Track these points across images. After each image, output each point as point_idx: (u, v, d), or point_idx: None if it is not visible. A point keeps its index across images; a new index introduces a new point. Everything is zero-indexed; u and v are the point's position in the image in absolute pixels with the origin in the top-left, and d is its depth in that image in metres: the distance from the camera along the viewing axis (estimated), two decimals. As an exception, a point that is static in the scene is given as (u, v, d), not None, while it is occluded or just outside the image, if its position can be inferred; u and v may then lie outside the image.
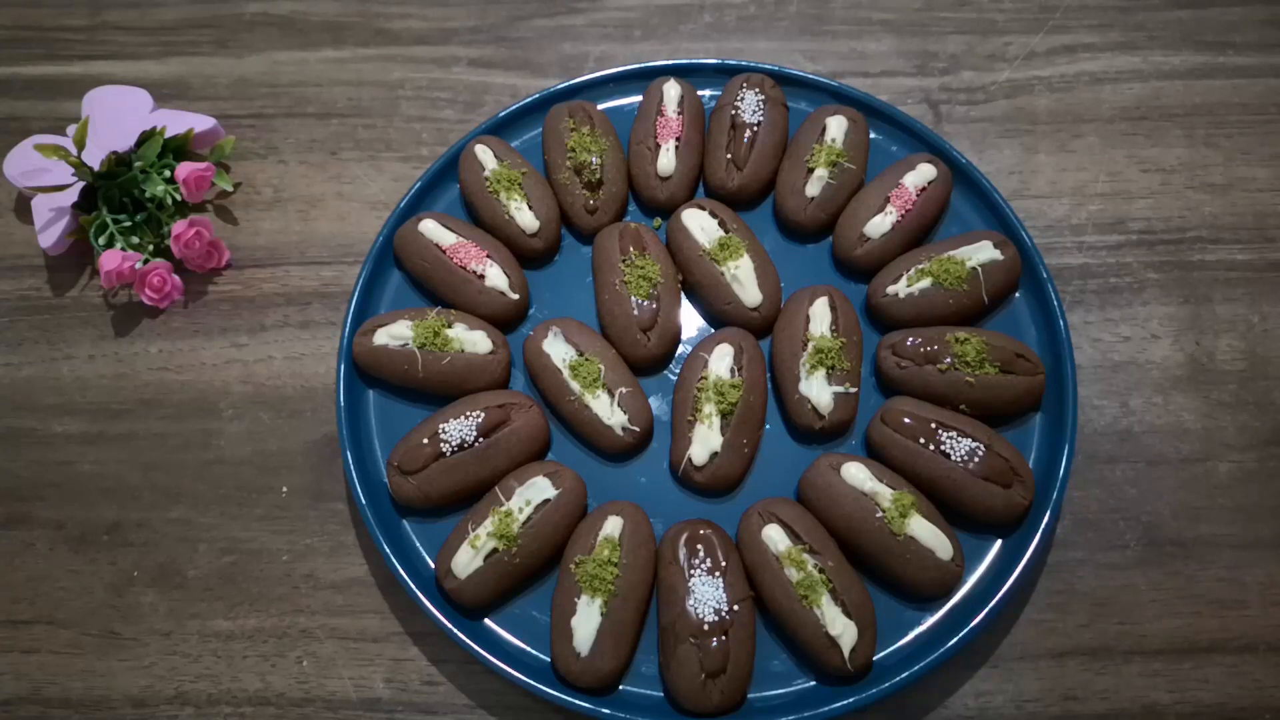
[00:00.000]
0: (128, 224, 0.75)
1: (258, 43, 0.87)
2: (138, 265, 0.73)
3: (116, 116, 0.78)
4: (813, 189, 0.71)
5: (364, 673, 0.62)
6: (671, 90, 0.74)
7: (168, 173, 0.76)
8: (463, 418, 0.63)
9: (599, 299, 0.69)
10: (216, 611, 0.64)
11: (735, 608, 0.57)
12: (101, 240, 0.74)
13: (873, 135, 0.75)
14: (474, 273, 0.68)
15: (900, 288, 0.67)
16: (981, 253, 0.67)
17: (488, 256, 0.69)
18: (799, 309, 0.66)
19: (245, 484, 0.68)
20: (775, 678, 0.59)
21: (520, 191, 0.71)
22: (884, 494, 0.59)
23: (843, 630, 0.56)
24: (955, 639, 0.57)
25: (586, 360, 0.65)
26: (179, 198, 0.76)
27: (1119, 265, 0.73)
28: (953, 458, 0.60)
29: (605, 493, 0.64)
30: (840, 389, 0.64)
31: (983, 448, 0.60)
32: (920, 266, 0.67)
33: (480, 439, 0.62)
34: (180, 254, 0.73)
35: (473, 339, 0.66)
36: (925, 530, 0.58)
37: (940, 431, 0.61)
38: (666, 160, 0.72)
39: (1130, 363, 0.69)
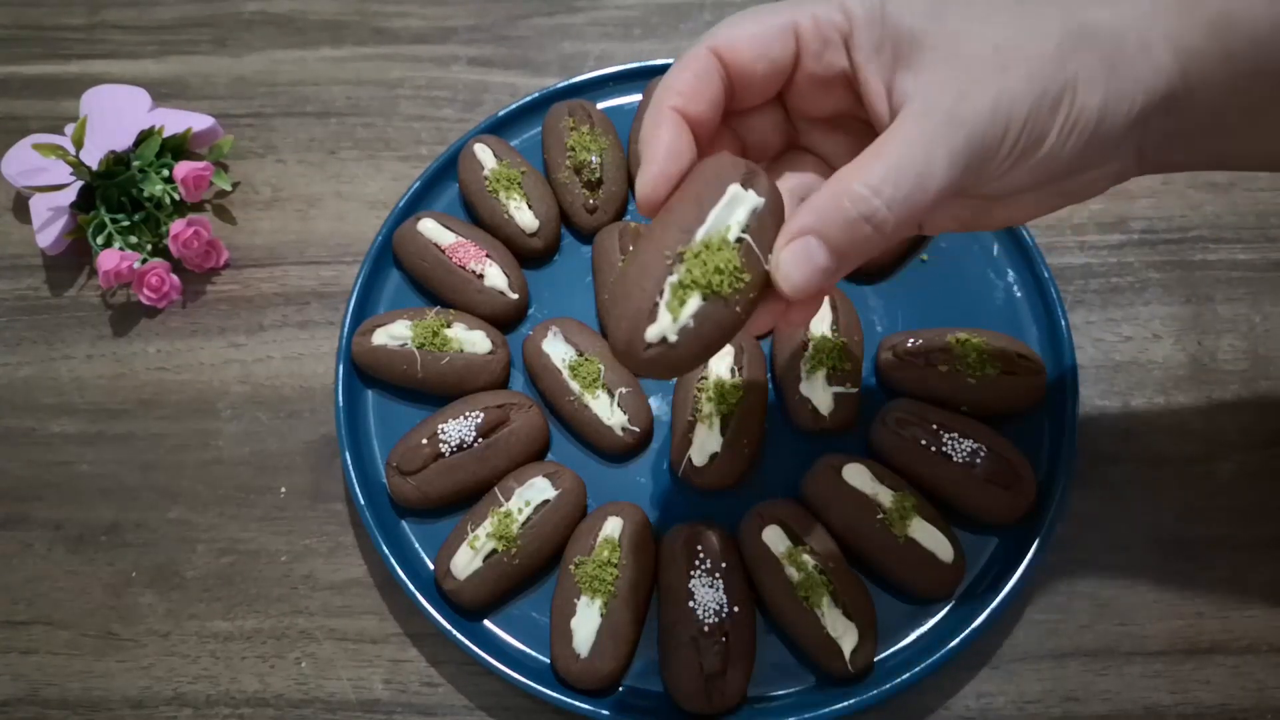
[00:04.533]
0: (126, 223, 0.75)
1: (256, 42, 0.86)
2: (136, 265, 0.72)
3: (115, 116, 0.78)
4: (813, 188, 0.71)
5: (363, 674, 0.62)
6: (671, 89, 0.74)
7: (166, 172, 0.76)
8: (462, 418, 0.63)
9: (599, 299, 0.69)
10: (215, 612, 0.64)
11: (735, 609, 0.57)
12: (100, 240, 0.73)
13: (873, 134, 0.75)
14: (473, 272, 0.68)
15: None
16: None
17: (487, 256, 0.69)
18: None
19: (244, 484, 0.68)
20: (775, 679, 0.59)
21: (520, 191, 0.71)
22: (885, 495, 0.59)
23: (843, 632, 0.56)
24: (956, 640, 0.57)
25: (586, 360, 0.65)
26: (177, 197, 0.75)
27: (1120, 265, 0.73)
28: (954, 459, 0.60)
29: (605, 493, 0.64)
30: (841, 389, 0.63)
31: (984, 449, 0.60)
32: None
33: (479, 439, 0.62)
34: (179, 253, 0.73)
35: (472, 339, 0.66)
36: (926, 532, 0.58)
37: (941, 433, 0.61)
38: (666, 159, 0.72)
39: (1132, 363, 0.69)
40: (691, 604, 0.57)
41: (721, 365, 0.64)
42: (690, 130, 0.42)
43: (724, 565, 0.58)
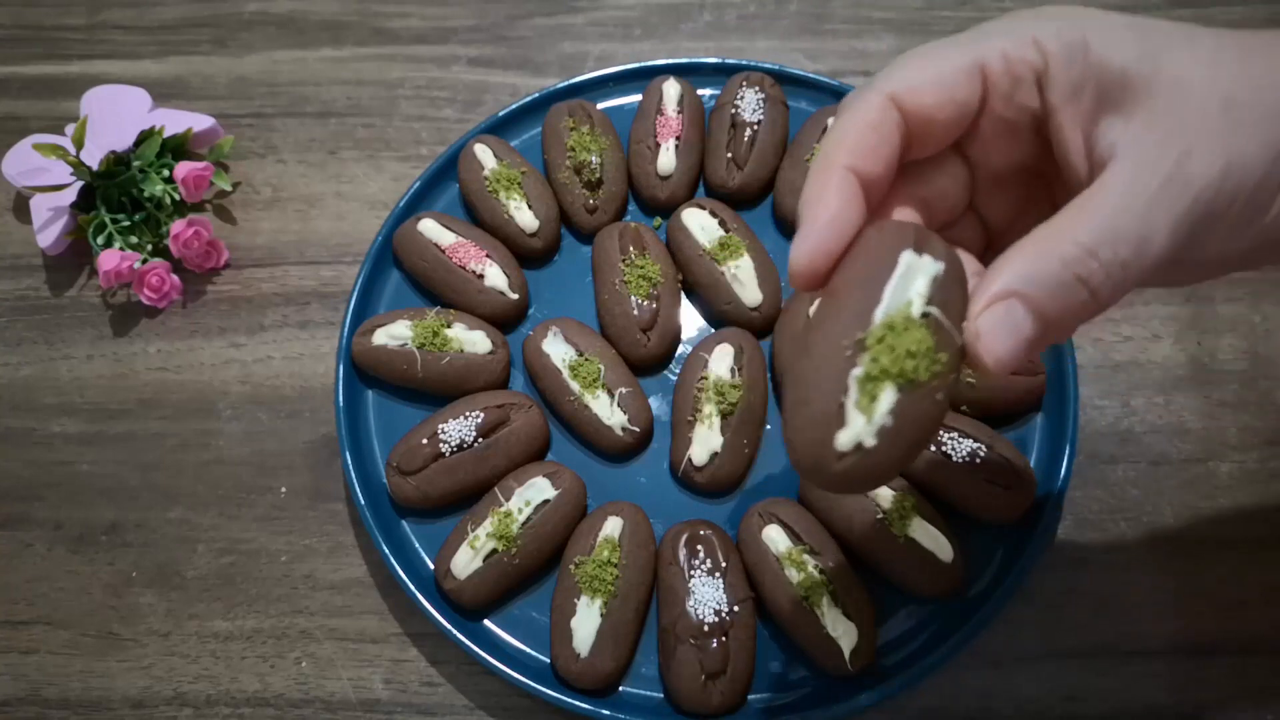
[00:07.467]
0: (126, 224, 0.75)
1: (256, 42, 0.86)
2: (136, 265, 0.72)
3: (115, 116, 0.78)
4: (813, 188, 0.70)
5: (363, 674, 0.62)
6: (671, 89, 0.74)
7: (166, 172, 0.76)
8: (462, 418, 0.63)
9: (599, 299, 0.69)
10: (215, 612, 0.64)
11: (735, 609, 0.57)
12: (100, 240, 0.73)
13: (873, 134, 0.75)
14: (473, 272, 0.68)
15: None
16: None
17: (487, 256, 0.69)
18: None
19: (244, 484, 0.68)
20: (775, 679, 0.59)
21: (520, 191, 0.71)
22: (885, 495, 0.59)
23: (843, 631, 0.56)
24: (956, 639, 0.57)
25: (586, 360, 0.65)
26: (178, 197, 0.75)
27: (1120, 265, 0.73)
28: (954, 459, 0.60)
29: (605, 493, 0.64)
30: (841, 389, 0.63)
31: (984, 448, 0.60)
32: None
33: (480, 439, 0.62)
34: (179, 254, 0.73)
35: (472, 339, 0.66)
36: (926, 532, 0.58)
37: (941, 433, 0.61)
38: (666, 159, 0.72)
39: (1131, 363, 0.69)
40: (691, 604, 0.57)
41: (722, 365, 0.64)
42: (862, 192, 0.37)
43: (724, 565, 0.58)
